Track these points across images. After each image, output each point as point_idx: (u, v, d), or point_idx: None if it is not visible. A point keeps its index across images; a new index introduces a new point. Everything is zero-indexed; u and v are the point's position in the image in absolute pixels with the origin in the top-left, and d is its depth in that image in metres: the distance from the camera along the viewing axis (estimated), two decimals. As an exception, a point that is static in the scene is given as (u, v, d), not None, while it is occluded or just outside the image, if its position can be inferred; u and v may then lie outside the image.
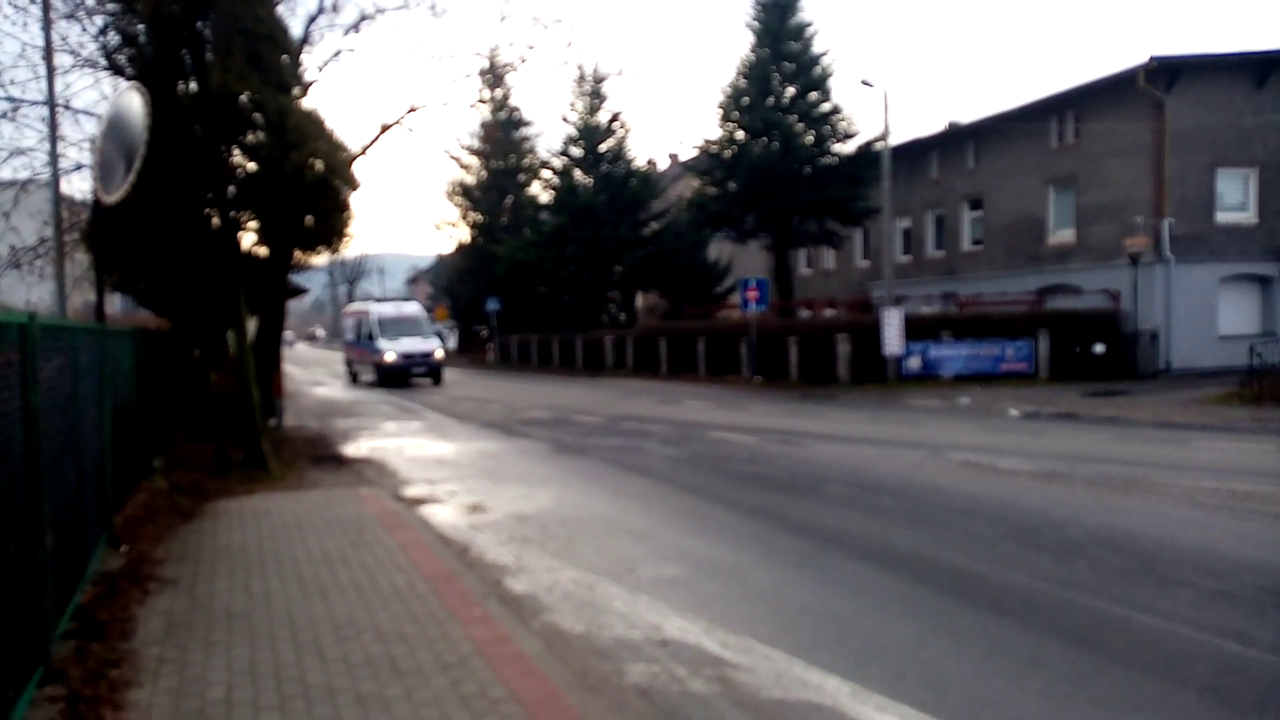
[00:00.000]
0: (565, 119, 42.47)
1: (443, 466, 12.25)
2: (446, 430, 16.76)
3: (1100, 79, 25.58)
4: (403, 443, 15.04)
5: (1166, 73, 23.96)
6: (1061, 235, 27.96)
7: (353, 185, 12.55)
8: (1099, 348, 24.18)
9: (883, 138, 26.98)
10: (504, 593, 6.22)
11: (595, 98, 41.70)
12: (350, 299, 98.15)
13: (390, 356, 29.02)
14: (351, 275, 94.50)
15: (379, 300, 35.28)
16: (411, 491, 10.28)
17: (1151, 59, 23.73)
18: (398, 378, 29.20)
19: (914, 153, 33.35)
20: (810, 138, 32.77)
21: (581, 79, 41.59)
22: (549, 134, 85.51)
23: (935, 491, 9.51)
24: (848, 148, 33.07)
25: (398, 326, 30.34)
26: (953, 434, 14.38)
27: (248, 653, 4.95)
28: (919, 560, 6.84)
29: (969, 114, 32.99)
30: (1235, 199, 25.25)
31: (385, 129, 16.77)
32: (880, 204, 28.08)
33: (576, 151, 42.11)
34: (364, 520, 8.35)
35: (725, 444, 13.77)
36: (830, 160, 32.82)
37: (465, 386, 30.05)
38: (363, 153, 16.23)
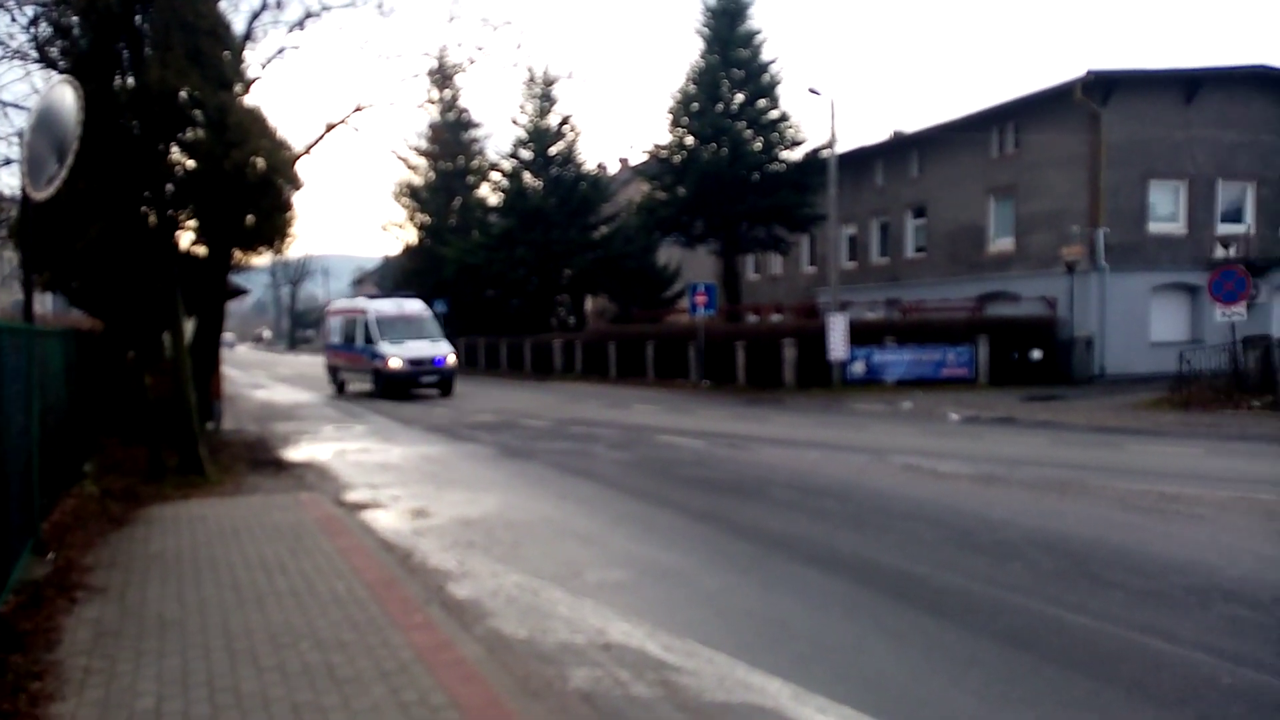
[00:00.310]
0: (515, 121, 42.33)
1: (386, 471, 12.08)
2: (390, 434, 16.54)
3: (1039, 91, 26.28)
4: (345, 447, 14.80)
5: (1102, 86, 24.71)
6: (1001, 244, 28.63)
7: (296, 184, 12.33)
8: (1036, 354, 24.82)
9: (829, 145, 27.37)
10: (447, 598, 6.15)
11: (545, 100, 41.60)
12: (294, 300, 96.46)
13: (395, 363, 24.55)
14: (295, 276, 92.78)
15: (374, 297, 28.67)
16: (353, 496, 10.12)
17: (1088, 73, 24.45)
18: (402, 387, 24.88)
19: (860, 161, 33.89)
20: (759, 144, 33.11)
21: (531, 81, 41.48)
22: (498, 136, 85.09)
23: (878, 495, 9.66)
24: (795, 155, 33.50)
25: (401, 327, 25.82)
26: (895, 438, 14.62)
27: (179, 662, 4.82)
28: (861, 563, 6.93)
29: (913, 124, 33.61)
30: (1166, 210, 26.13)
31: (330, 128, 16.52)
32: (826, 211, 28.45)
33: (526, 154, 41.94)
34: (303, 526, 8.19)
35: (673, 448, 13.81)
36: (778, 167, 33.20)
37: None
38: (306, 152, 15.98)
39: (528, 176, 41.77)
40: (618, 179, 50.25)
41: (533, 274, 41.03)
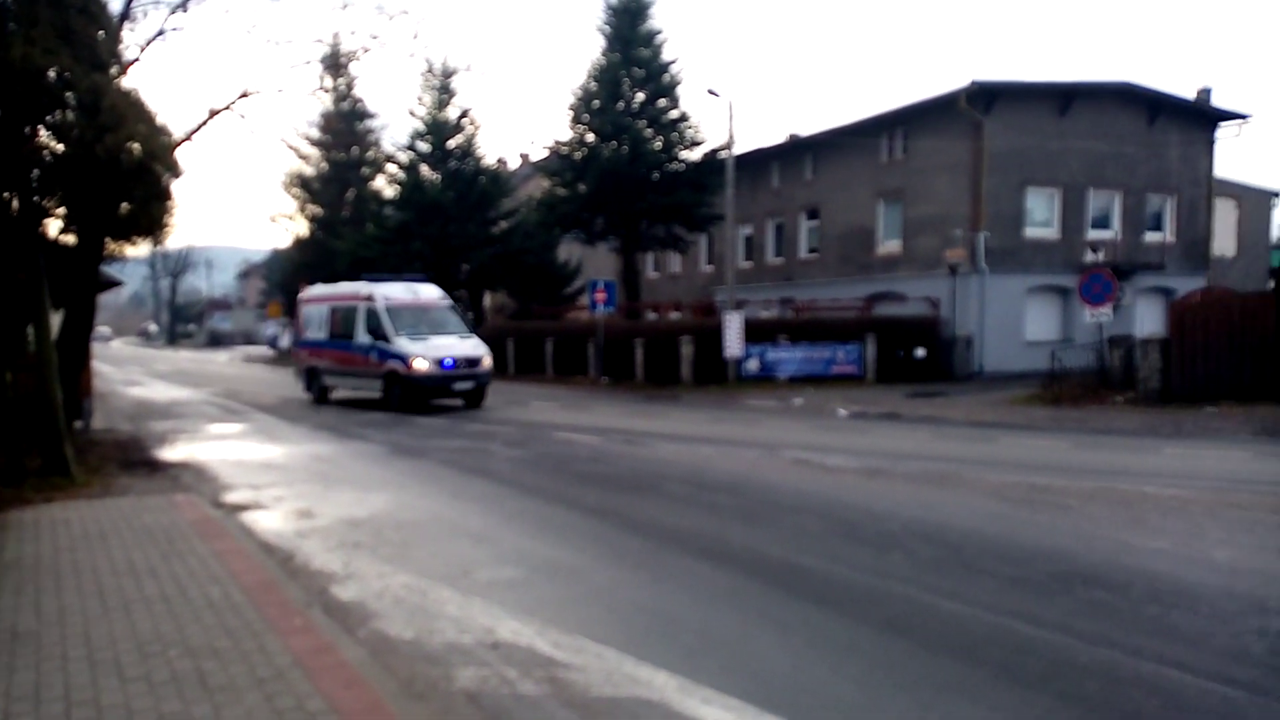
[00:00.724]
0: (413, 113, 41.37)
1: (269, 471, 11.65)
2: (275, 433, 15.96)
3: (926, 100, 27.32)
4: (226, 446, 14.21)
5: (985, 96, 25.85)
6: (889, 246, 29.65)
7: (175, 172, 11.75)
8: (920, 352, 25.83)
9: (727, 147, 27.79)
10: (330, 601, 5.97)
11: (444, 92, 40.82)
12: (174, 293, 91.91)
13: (421, 365, 18.85)
14: (176, 268, 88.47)
15: (374, 280, 21.72)
16: (233, 497, 9.72)
17: (972, 83, 25.54)
18: (427, 396, 19.36)
19: (757, 163, 34.54)
20: (659, 143, 33.32)
21: (430, 72, 40.61)
22: (395, 127, 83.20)
23: (769, 489, 9.86)
24: (694, 155, 33.86)
25: (418, 319, 20.20)
26: (787, 433, 14.96)
27: (33, 676, 4.53)
28: (751, 555, 7.06)
29: (809, 127, 34.44)
30: (1042, 216, 27.56)
31: (214, 114, 15.81)
32: (724, 211, 28.89)
33: (424, 146, 41.08)
34: (177, 529, 7.82)
35: (570, 444, 13.78)
36: (678, 167, 33.50)
37: (298, 387, 28.72)
38: (188, 138, 15.27)
39: (425, 169, 40.93)
40: (518, 174, 49.80)
41: (429, 269, 40.13)
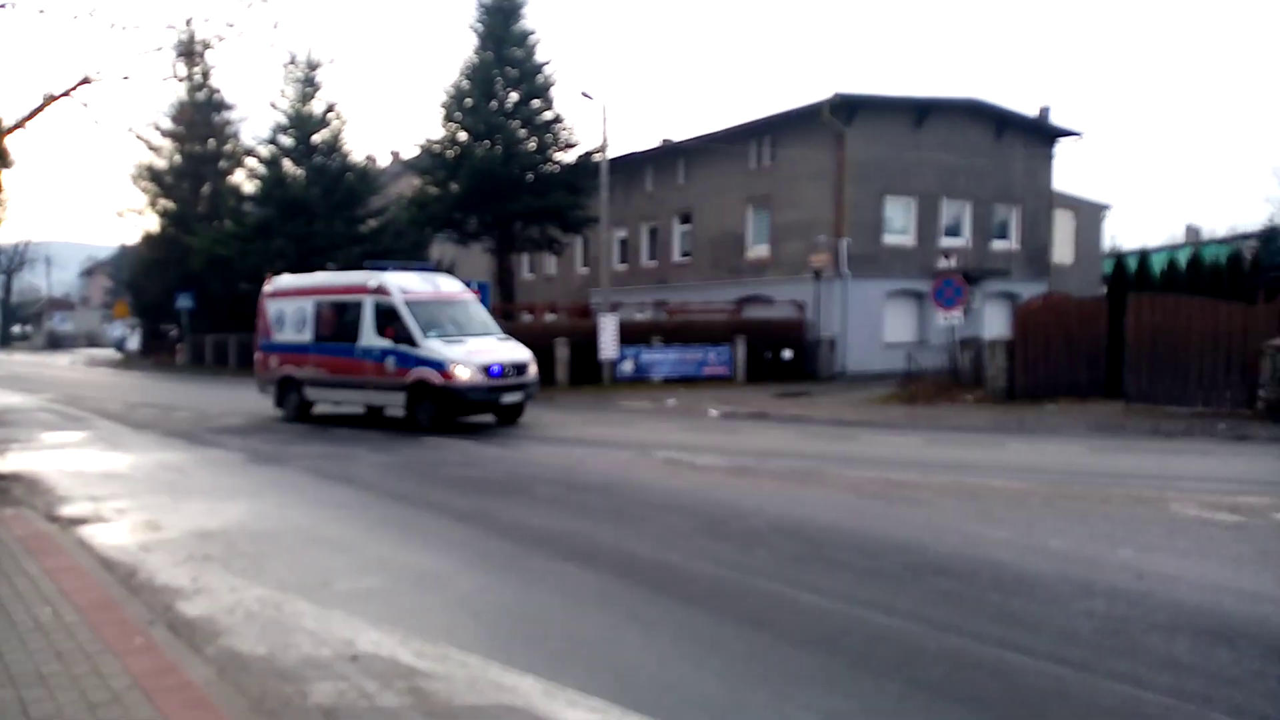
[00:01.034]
0: (275, 105, 39.69)
1: (112, 481, 10.90)
2: (120, 441, 14.96)
3: (793, 109, 28.21)
4: (64, 455, 13.21)
5: (847, 108, 26.91)
6: (758, 250, 30.46)
7: (5, 162, 10.88)
8: (787, 353, 26.68)
9: (601, 150, 27.88)
10: (175, 618, 5.63)
11: (309, 85, 39.32)
12: (8, 292, 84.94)
13: (464, 373, 15.18)
14: (9, 265, 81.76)
15: (378, 268, 17.56)
16: (69, 510, 9.04)
17: (835, 95, 26.54)
18: (469, 410, 15.82)
19: (631, 166, 34.84)
20: (533, 144, 33.13)
21: (292, 64, 39.04)
22: (256, 120, 79.53)
23: (640, 488, 9.94)
24: (569, 157, 33.82)
25: (442, 316, 16.46)
26: (659, 433, 15.13)
27: None
28: (620, 555, 7.09)
29: (682, 133, 35.00)
30: (899, 224, 28.91)
31: (51, 100, 14.65)
32: (599, 214, 28.99)
33: (287, 140, 39.47)
34: (3, 546, 7.21)
35: (439, 448, 13.50)
36: (552, 168, 33.38)
37: (148, 391, 27.11)
38: (20, 126, 14.11)
39: (288, 164, 39.32)
40: (388, 172, 48.45)
41: (292, 268, 38.66)
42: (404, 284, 16.61)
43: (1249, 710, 4.19)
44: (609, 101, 44.10)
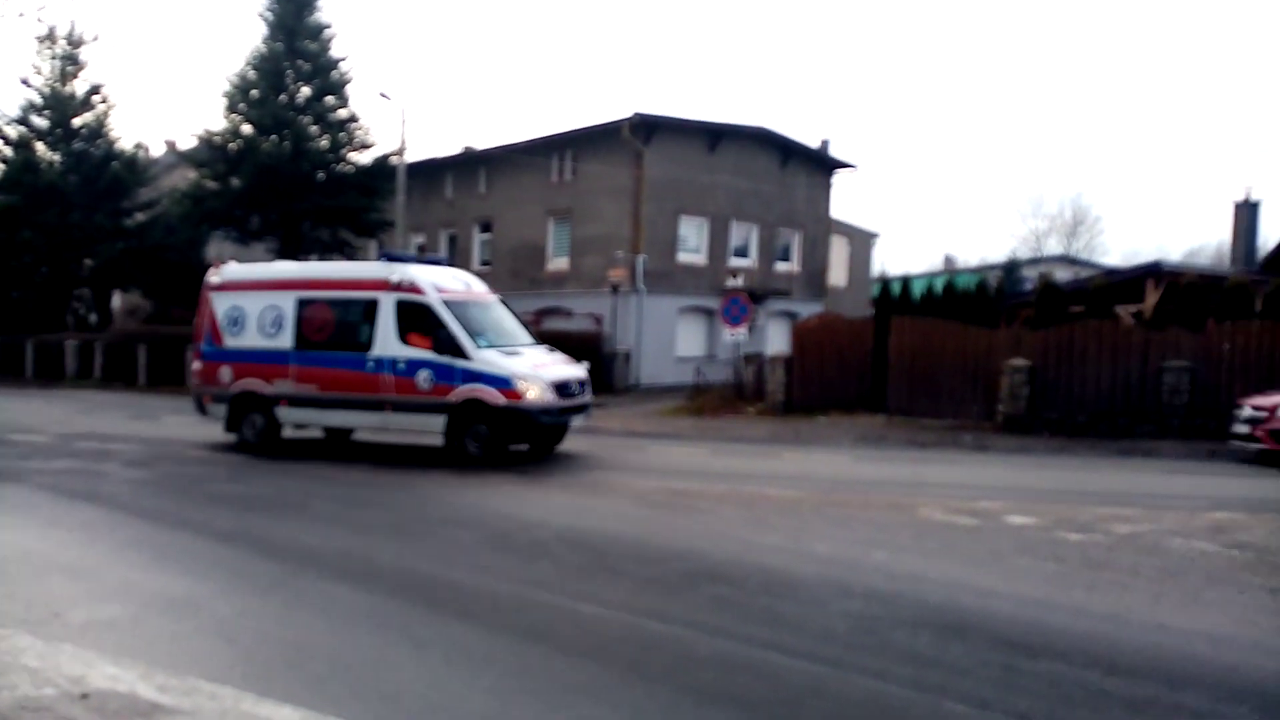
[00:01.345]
0: (27, 83, 35.58)
1: None
2: None
3: (594, 125, 28.60)
4: None
5: (645, 128, 27.61)
6: (558, 263, 30.61)
7: None
8: (585, 365, 26.89)
9: (399, 152, 27.11)
10: None
11: (69, 63, 35.58)
12: None
13: (535, 393, 12.40)
14: None
15: (397, 258, 14.11)
16: None
17: (635, 115, 27.14)
18: (536, 436, 13.14)
19: (431, 171, 34.03)
20: (325, 142, 31.70)
21: (50, 39, 35.21)
22: (5, 98, 70.96)
23: (423, 502, 9.67)
24: (364, 158, 32.66)
25: (486, 321, 13.65)
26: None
27: None
28: (398, 573, 6.84)
29: (484, 141, 34.67)
30: (693, 243, 29.97)
31: None
32: (395, 218, 28.09)
33: (40, 122, 35.49)
34: None
35: (205, 462, 12.53)
36: (346, 168, 32.08)
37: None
38: None
39: (41, 148, 35.34)
40: (161, 162, 44.59)
41: (43, 262, 34.79)
42: (435, 281, 13.44)
43: (974, 696, 4.61)
44: (409, 104, 42.95)
